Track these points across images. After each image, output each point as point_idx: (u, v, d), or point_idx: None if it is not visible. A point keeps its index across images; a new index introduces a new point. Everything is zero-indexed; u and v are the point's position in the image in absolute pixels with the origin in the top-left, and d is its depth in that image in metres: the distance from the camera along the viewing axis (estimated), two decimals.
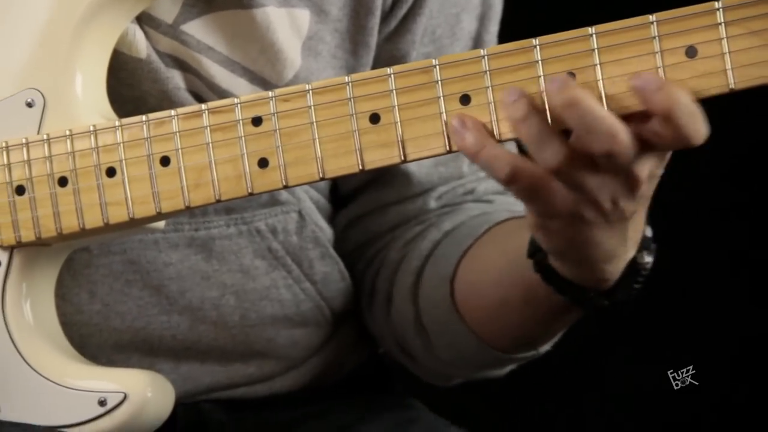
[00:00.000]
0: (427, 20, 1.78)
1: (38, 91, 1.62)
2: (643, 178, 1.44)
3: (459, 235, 1.74)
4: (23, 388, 1.62)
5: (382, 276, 1.80)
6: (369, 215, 1.82)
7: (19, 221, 1.62)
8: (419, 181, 1.80)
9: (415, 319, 1.76)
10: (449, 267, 1.72)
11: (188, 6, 1.69)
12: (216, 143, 1.57)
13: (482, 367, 1.77)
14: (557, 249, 1.53)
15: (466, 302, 1.71)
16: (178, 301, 1.72)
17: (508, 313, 1.67)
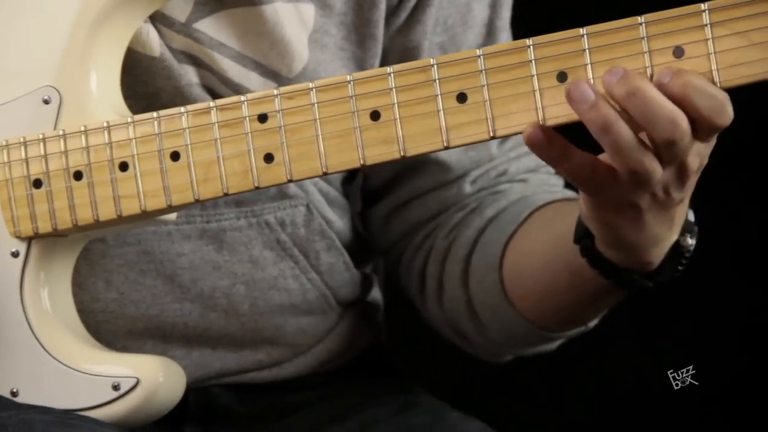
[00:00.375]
0: (437, 11, 1.76)
1: (54, 88, 1.62)
2: (693, 168, 1.44)
3: (503, 222, 1.73)
4: (40, 372, 1.62)
5: (432, 264, 1.79)
6: (407, 205, 1.81)
7: (36, 213, 1.61)
8: (452, 167, 1.78)
9: (467, 305, 1.75)
10: (496, 254, 1.71)
11: (200, 4, 1.68)
12: (224, 139, 1.57)
13: (533, 344, 1.77)
14: (608, 236, 1.52)
15: (514, 288, 1.70)
16: (191, 289, 1.72)
17: (555, 296, 1.66)
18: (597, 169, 1.44)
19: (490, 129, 1.50)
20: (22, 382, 1.62)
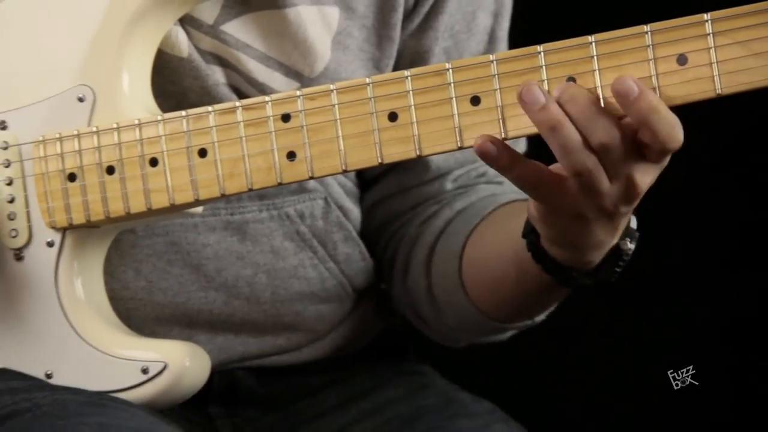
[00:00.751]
0: (448, 17, 1.76)
1: (89, 87, 1.62)
2: (643, 187, 1.45)
3: (468, 215, 1.74)
4: (74, 356, 1.62)
5: (402, 250, 1.80)
6: (391, 197, 1.82)
7: (70, 205, 1.61)
8: (437, 166, 1.79)
9: (427, 289, 1.76)
10: (458, 244, 1.72)
11: (227, 7, 1.68)
12: (249, 137, 1.57)
13: (483, 333, 1.78)
14: (553, 237, 1.54)
15: (469, 277, 1.71)
16: (215, 278, 1.72)
17: (503, 288, 1.67)
18: (543, 178, 1.46)
19: (502, 131, 1.50)
20: (56, 365, 1.62)
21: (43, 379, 1.62)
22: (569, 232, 1.51)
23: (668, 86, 1.45)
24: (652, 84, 1.45)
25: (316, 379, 1.79)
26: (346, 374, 1.80)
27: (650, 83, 1.45)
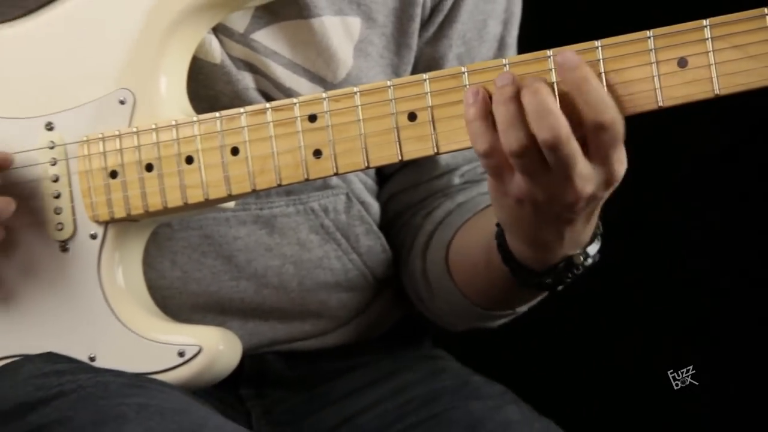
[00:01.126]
0: (461, 26, 1.78)
1: (129, 90, 1.63)
2: (580, 187, 1.46)
3: (465, 208, 1.76)
4: (115, 340, 1.63)
5: (407, 237, 1.81)
6: (404, 191, 1.83)
7: (112, 200, 1.63)
8: (446, 163, 1.81)
9: (422, 273, 1.78)
10: (449, 233, 1.74)
11: (257, 17, 1.69)
12: (278, 136, 1.58)
13: (472, 318, 1.78)
14: (505, 220, 1.56)
15: (452, 263, 1.73)
16: (246, 269, 1.73)
17: (476, 275, 1.69)
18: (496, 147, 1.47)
19: None
20: (98, 348, 1.63)
21: (86, 362, 1.63)
22: (516, 218, 1.52)
23: (669, 87, 1.46)
24: (654, 85, 1.47)
25: (340, 362, 1.80)
26: (368, 358, 1.81)
27: (653, 84, 1.47)
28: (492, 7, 1.80)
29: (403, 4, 1.74)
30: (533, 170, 1.46)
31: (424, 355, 1.84)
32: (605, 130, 1.45)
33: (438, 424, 1.70)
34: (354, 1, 1.72)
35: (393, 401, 1.75)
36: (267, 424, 1.76)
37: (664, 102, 1.47)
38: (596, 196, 1.49)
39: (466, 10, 1.78)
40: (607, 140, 1.46)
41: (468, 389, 1.75)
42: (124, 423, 1.52)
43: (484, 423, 1.68)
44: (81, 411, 1.55)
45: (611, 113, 1.45)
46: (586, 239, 1.56)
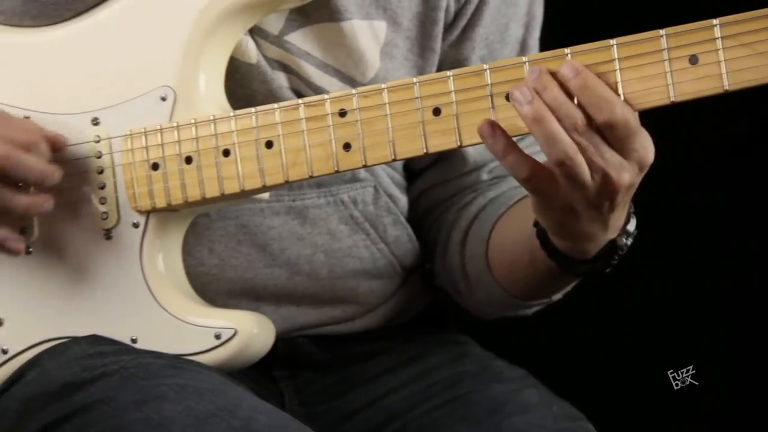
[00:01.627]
0: (483, 29, 1.78)
1: (170, 88, 1.64)
2: (618, 182, 1.48)
3: (498, 203, 1.76)
4: (156, 323, 1.64)
5: (442, 232, 1.81)
6: (434, 187, 1.83)
7: (153, 191, 1.63)
8: (474, 160, 1.80)
9: (461, 268, 1.78)
10: (486, 229, 1.74)
11: (291, 20, 1.70)
12: (310, 130, 1.58)
13: (509, 308, 1.78)
14: (550, 227, 1.57)
15: (493, 259, 1.73)
16: (279, 257, 1.73)
17: (519, 270, 1.69)
18: (535, 170, 1.49)
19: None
20: (140, 331, 1.64)
21: (129, 344, 1.64)
22: (562, 224, 1.54)
23: (681, 83, 1.46)
24: (667, 81, 1.46)
25: (368, 346, 1.80)
26: (395, 343, 1.81)
27: (665, 80, 1.47)
28: (514, 10, 1.79)
29: (426, 8, 1.74)
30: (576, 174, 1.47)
31: (449, 340, 1.84)
32: (616, 127, 1.46)
33: (461, 406, 1.70)
34: (380, 5, 1.72)
35: (418, 384, 1.75)
36: (299, 404, 1.76)
37: (676, 97, 1.47)
38: (633, 184, 1.50)
39: (488, 14, 1.77)
40: (621, 135, 1.47)
41: (490, 373, 1.75)
42: (164, 402, 1.53)
43: (505, 405, 1.68)
44: (123, 391, 1.56)
45: (618, 110, 1.45)
46: (622, 221, 1.57)
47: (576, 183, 1.48)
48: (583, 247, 1.57)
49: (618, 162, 1.48)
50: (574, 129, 1.46)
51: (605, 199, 1.50)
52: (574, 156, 1.46)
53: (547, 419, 1.67)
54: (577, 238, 1.56)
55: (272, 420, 1.53)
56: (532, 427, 1.66)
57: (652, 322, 2.51)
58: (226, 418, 1.51)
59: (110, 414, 1.54)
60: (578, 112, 1.46)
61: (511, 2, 1.79)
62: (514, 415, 1.67)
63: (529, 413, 1.67)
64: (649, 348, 2.49)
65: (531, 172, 1.49)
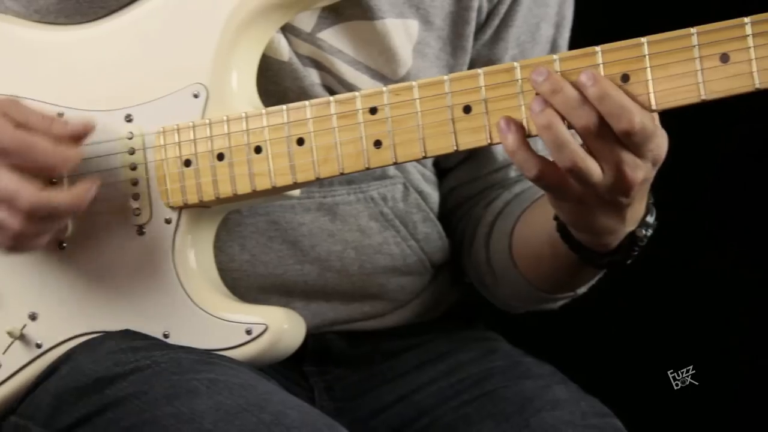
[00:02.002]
0: (515, 30, 1.78)
1: (203, 85, 1.64)
2: (633, 178, 1.48)
3: (522, 198, 1.77)
4: (187, 318, 1.64)
5: (469, 227, 1.82)
6: (462, 185, 1.83)
7: (186, 187, 1.64)
8: (503, 158, 1.81)
9: (487, 262, 1.78)
10: (510, 224, 1.74)
11: (323, 17, 1.70)
12: (341, 128, 1.58)
13: (535, 302, 1.79)
14: (568, 220, 1.58)
15: (516, 253, 1.73)
16: (310, 253, 1.73)
17: (542, 263, 1.69)
18: (545, 169, 1.49)
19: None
20: (172, 326, 1.64)
21: (161, 339, 1.64)
22: (578, 218, 1.55)
23: (712, 81, 1.45)
24: (697, 79, 1.46)
25: (398, 342, 1.80)
26: (425, 339, 1.81)
27: (696, 79, 1.46)
28: (545, 11, 1.80)
29: (459, 8, 1.74)
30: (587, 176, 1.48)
31: (478, 337, 1.84)
32: (634, 134, 1.46)
33: (490, 402, 1.70)
34: (413, 4, 1.72)
35: (447, 379, 1.75)
36: (329, 399, 1.76)
37: (706, 95, 1.46)
38: (648, 178, 1.51)
39: (520, 14, 1.78)
40: (638, 141, 1.47)
41: (519, 369, 1.75)
42: (196, 397, 1.53)
43: (534, 401, 1.68)
44: (155, 385, 1.56)
45: (636, 119, 1.45)
46: (642, 213, 1.58)
47: (587, 184, 1.49)
48: (603, 239, 1.57)
49: (632, 162, 1.48)
50: (586, 131, 1.46)
51: (620, 195, 1.50)
52: (582, 162, 1.47)
53: (575, 415, 1.67)
54: (595, 231, 1.56)
55: (302, 415, 1.53)
56: (560, 423, 1.65)
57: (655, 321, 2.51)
58: (256, 412, 1.51)
59: (142, 408, 1.55)
60: (592, 116, 1.46)
61: (542, 2, 1.79)
62: (543, 411, 1.66)
63: (557, 409, 1.67)
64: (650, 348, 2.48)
65: (539, 172, 1.49)
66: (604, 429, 1.67)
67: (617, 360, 2.49)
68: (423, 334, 1.81)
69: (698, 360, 1.78)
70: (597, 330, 2.47)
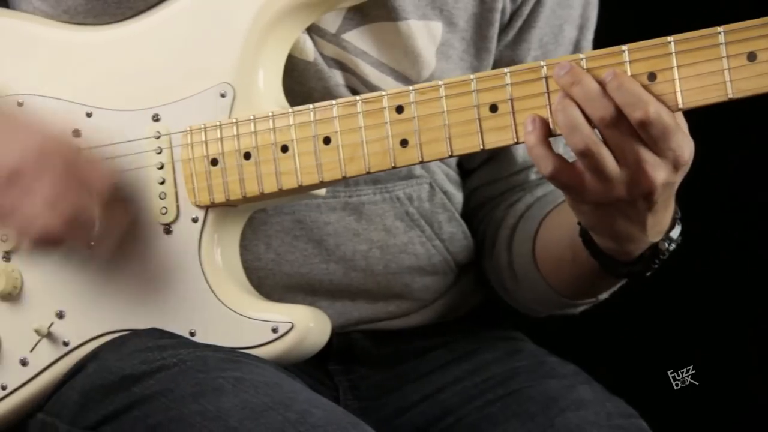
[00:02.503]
0: (538, 31, 1.78)
1: (230, 85, 1.64)
2: (653, 178, 1.47)
3: (545, 202, 1.76)
4: (214, 317, 1.64)
5: (490, 229, 1.81)
6: (483, 186, 1.83)
7: (212, 186, 1.64)
8: (523, 160, 1.80)
9: (509, 265, 1.77)
10: (533, 227, 1.74)
11: (348, 19, 1.70)
12: (367, 127, 1.58)
13: (556, 306, 1.78)
14: (588, 224, 1.57)
15: (539, 257, 1.73)
16: (335, 252, 1.73)
17: (563, 268, 1.69)
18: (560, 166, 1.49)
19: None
20: (198, 324, 1.64)
21: (187, 337, 1.64)
22: (598, 221, 1.54)
23: (739, 80, 1.45)
24: (725, 78, 1.45)
25: (423, 342, 1.79)
26: (449, 338, 1.80)
27: (722, 78, 1.45)
28: (568, 12, 1.79)
29: (482, 9, 1.74)
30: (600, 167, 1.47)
31: (502, 336, 1.83)
32: (650, 125, 1.45)
33: (515, 401, 1.70)
34: (437, 6, 1.72)
35: (472, 379, 1.75)
36: (353, 398, 1.76)
37: (734, 94, 1.45)
38: (669, 182, 1.49)
39: (543, 16, 1.77)
40: (655, 134, 1.46)
41: (543, 369, 1.75)
42: (222, 395, 1.53)
43: (558, 401, 1.68)
44: (181, 383, 1.56)
45: (651, 108, 1.45)
46: (666, 225, 1.56)
47: (601, 176, 1.47)
48: (623, 247, 1.56)
49: (652, 159, 1.47)
50: (604, 121, 1.46)
51: (640, 196, 1.49)
52: (595, 146, 1.46)
53: (600, 416, 1.66)
54: (616, 237, 1.55)
55: (327, 414, 1.53)
56: (585, 423, 1.65)
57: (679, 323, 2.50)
58: (281, 411, 1.51)
59: (168, 406, 1.55)
60: (610, 108, 1.46)
61: (566, 4, 1.79)
62: (568, 411, 1.66)
63: (582, 409, 1.66)
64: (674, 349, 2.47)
65: (555, 169, 1.49)
66: (629, 430, 1.66)
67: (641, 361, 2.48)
68: (448, 334, 1.81)
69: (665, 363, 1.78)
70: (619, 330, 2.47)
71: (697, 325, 2.50)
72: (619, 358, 2.47)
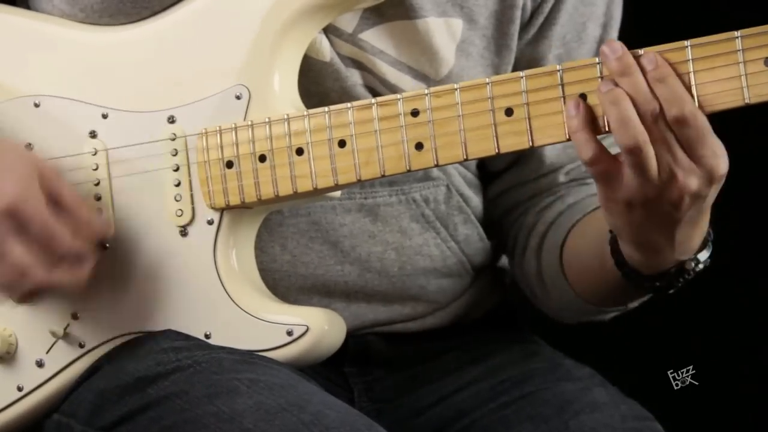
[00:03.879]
0: (560, 28, 1.77)
1: (245, 86, 1.64)
2: (688, 188, 1.47)
3: (575, 210, 1.75)
4: (228, 319, 1.64)
5: (520, 236, 1.81)
6: (512, 189, 1.82)
7: (228, 189, 1.64)
8: (551, 162, 1.80)
9: (537, 272, 1.77)
10: (561, 235, 1.73)
11: (365, 18, 1.70)
12: (382, 130, 1.59)
13: (585, 314, 1.78)
14: (615, 226, 1.55)
15: (567, 264, 1.73)
16: (350, 254, 1.74)
17: (590, 276, 1.69)
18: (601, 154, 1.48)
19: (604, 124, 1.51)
20: (213, 327, 1.65)
21: (202, 339, 1.64)
22: (626, 223, 1.52)
23: (756, 85, 1.45)
24: (741, 83, 1.45)
25: (438, 344, 1.80)
26: (465, 341, 1.81)
27: (740, 83, 1.45)
28: (591, 9, 1.78)
29: (503, 6, 1.73)
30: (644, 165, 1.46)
31: (518, 339, 1.84)
32: (686, 123, 1.45)
33: (530, 404, 1.70)
34: (457, 3, 1.72)
35: (487, 381, 1.75)
36: (368, 400, 1.77)
37: (750, 99, 1.46)
38: (700, 194, 1.49)
39: (565, 13, 1.76)
40: (691, 135, 1.46)
41: (558, 372, 1.75)
42: (237, 396, 1.54)
43: (573, 403, 1.68)
44: (196, 385, 1.57)
45: (688, 107, 1.45)
46: (696, 245, 1.56)
47: (643, 175, 1.47)
48: (649, 259, 1.56)
49: (687, 165, 1.47)
50: (650, 117, 1.45)
51: (668, 201, 1.49)
52: (644, 144, 1.46)
53: (615, 418, 1.67)
54: (643, 246, 1.54)
55: (342, 416, 1.53)
56: (600, 426, 1.65)
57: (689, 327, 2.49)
58: (296, 412, 1.52)
59: (183, 407, 1.56)
60: (656, 102, 1.46)
61: (589, 1, 1.78)
62: (583, 414, 1.66)
63: (597, 412, 1.67)
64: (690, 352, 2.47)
65: (596, 154, 1.48)
66: None
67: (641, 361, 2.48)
68: (463, 336, 1.81)
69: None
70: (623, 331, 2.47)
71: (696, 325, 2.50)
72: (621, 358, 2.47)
